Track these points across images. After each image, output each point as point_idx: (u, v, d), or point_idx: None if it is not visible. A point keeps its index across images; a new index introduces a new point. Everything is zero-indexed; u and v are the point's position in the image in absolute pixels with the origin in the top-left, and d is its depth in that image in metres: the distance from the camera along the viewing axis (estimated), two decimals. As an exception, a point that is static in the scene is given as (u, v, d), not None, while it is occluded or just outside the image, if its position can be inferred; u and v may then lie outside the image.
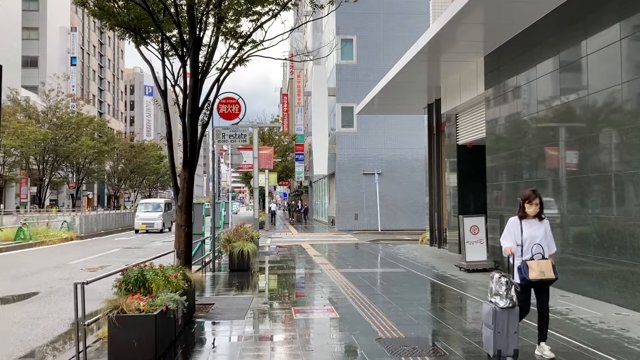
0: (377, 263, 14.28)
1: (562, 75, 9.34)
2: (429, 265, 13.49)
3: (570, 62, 9.09)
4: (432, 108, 18.52)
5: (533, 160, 10.48)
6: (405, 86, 16.59)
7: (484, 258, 12.05)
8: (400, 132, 30.86)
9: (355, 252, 17.92)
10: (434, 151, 18.45)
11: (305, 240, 22.80)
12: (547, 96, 9.86)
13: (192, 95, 8.27)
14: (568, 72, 9.19)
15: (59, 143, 46.51)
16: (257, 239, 16.60)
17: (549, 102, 9.79)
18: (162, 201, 31.41)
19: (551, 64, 9.68)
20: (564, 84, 9.32)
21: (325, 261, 14.54)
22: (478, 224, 12.13)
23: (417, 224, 30.28)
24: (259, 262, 14.49)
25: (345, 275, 11.64)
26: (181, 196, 8.24)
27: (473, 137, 14.69)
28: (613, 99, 7.98)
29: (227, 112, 12.86)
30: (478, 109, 14.02)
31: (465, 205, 15.62)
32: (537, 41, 10.14)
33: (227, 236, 13.06)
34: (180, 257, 8.18)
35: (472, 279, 10.96)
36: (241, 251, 12.66)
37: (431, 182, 18.59)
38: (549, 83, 9.76)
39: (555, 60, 9.55)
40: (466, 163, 15.62)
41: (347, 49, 30.93)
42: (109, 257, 16.96)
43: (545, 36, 9.86)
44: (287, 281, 11.52)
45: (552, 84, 9.65)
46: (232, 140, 12.77)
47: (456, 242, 15.83)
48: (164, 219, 30.26)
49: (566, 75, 9.25)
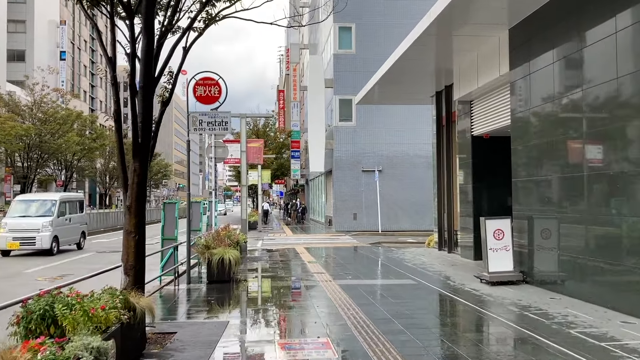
0: (381, 272, 12.34)
1: (621, 43, 7.39)
2: (442, 275, 11.54)
3: (634, 24, 7.15)
4: (441, 96, 16.57)
5: (576, 152, 8.55)
6: (411, 70, 14.64)
7: (510, 268, 10.11)
8: (402, 126, 28.92)
9: (355, 257, 15.97)
10: (443, 145, 16.50)
11: (300, 243, 20.84)
12: (598, 72, 7.92)
13: (145, 61, 6.31)
14: (628, 40, 7.25)
15: (44, 139, 44.43)
16: (244, 243, 14.65)
17: (600, 79, 7.85)
18: (54, 197, 19.12)
19: (604, 30, 7.73)
20: (622, 55, 7.37)
21: (321, 269, 12.59)
22: (503, 227, 10.18)
23: (420, 224, 28.37)
24: (245, 271, 12.53)
25: (345, 289, 9.69)
26: (130, 194, 6.28)
27: (491, 127, 12.75)
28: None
29: (204, 95, 10.91)
30: (499, 94, 12.07)
31: (481, 204, 13.69)
32: (585, 2, 8.20)
33: (205, 241, 11.09)
34: (128, 274, 6.23)
35: (499, 294, 9.01)
36: (221, 259, 10.70)
37: (440, 179, 16.65)
38: (601, 55, 7.82)
39: (609, 25, 7.60)
40: (482, 156, 13.68)
41: (345, 37, 28.97)
42: (76, 264, 14.98)
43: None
44: (274, 298, 9.57)
45: (605, 55, 7.71)
46: (211, 127, 10.81)
47: (469, 247, 13.90)
48: (60, 229, 18.25)
49: (626, 43, 7.31)
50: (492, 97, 12.52)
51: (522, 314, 7.46)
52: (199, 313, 8.15)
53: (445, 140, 16.04)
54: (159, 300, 9.31)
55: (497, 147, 13.68)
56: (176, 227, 10.65)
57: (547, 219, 9.53)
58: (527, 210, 10.18)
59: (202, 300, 9.24)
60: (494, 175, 13.69)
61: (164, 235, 10.62)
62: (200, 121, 10.87)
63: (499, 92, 12.04)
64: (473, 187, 13.72)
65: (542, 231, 9.80)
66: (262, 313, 8.15)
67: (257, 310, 8.37)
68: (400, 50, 13.32)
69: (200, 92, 10.92)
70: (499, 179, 13.72)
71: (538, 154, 9.72)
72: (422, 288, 10.08)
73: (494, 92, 12.33)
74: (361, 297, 8.94)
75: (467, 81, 13.30)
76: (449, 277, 11.20)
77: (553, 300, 8.37)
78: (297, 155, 45.45)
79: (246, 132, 31.80)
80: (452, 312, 8.15)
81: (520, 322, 7.01)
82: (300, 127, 48.63)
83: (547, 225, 9.59)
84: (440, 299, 9.17)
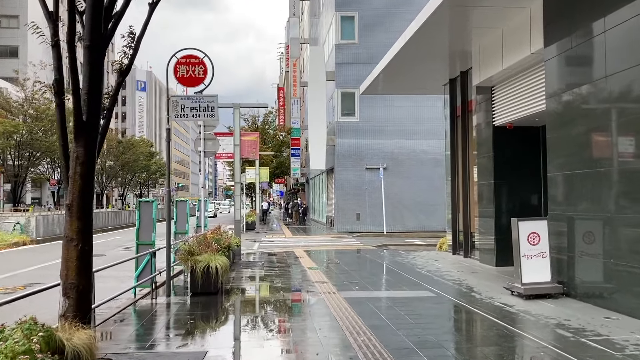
0: (392, 281, 10.76)
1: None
2: (463, 285, 9.97)
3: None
4: (456, 84, 15.00)
5: (633, 140, 6.99)
6: (422, 54, 13.09)
7: (547, 279, 8.54)
8: (408, 120, 27.35)
9: (360, 262, 14.40)
10: (457, 138, 14.93)
11: (300, 246, 19.28)
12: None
13: (91, 13, 4.77)
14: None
15: (35, 136, 42.87)
16: (237, 247, 13.09)
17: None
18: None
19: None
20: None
21: (323, 278, 11.02)
22: (539, 230, 8.61)
23: (427, 225, 26.84)
24: (236, 280, 10.96)
25: (351, 304, 8.13)
26: (72, 188, 4.72)
27: (516, 116, 11.18)
28: None
29: (187, 76, 9.35)
30: (528, 76, 10.50)
31: (503, 203, 12.13)
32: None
33: (188, 247, 9.53)
34: (68, 296, 4.67)
35: (540, 312, 7.44)
36: (207, 268, 9.13)
37: (454, 175, 15.07)
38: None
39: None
40: (504, 149, 12.12)
41: (348, 27, 27.40)
42: (49, 270, 13.42)
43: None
44: (268, 316, 8.01)
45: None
46: (195, 114, 9.23)
47: (490, 251, 12.34)
48: None
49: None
50: (518, 81, 10.95)
51: (579, 342, 5.89)
52: (173, 337, 6.59)
53: (461, 133, 14.46)
54: (132, 316, 7.77)
55: (522, 138, 12.19)
56: (153, 231, 9.07)
57: (593, 220, 7.96)
58: (566, 209, 8.61)
59: (180, 319, 7.67)
60: (518, 170, 12.17)
61: (139, 239, 9.06)
62: (182, 106, 9.29)
63: (528, 74, 10.47)
64: (494, 184, 12.15)
65: (585, 234, 8.24)
66: (251, 339, 6.59)
67: (245, 332, 6.81)
68: (410, 31, 11.76)
69: (182, 73, 9.35)
70: (523, 174, 12.20)
71: (582, 143, 8.16)
72: (444, 303, 8.51)
73: (522, 74, 10.75)
74: (372, 316, 7.37)
75: (488, 64, 11.72)
76: (472, 287, 9.62)
77: (610, 321, 6.80)
78: (297, 154, 43.91)
79: (244, 129, 30.07)
80: (488, 339, 6.57)
81: (583, 354, 5.45)
82: (301, 124, 47.10)
83: (592, 227, 8.03)
84: (469, 318, 7.60)
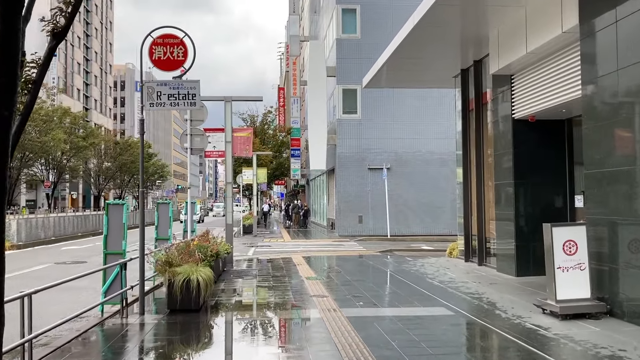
0: (401, 294, 9.45)
1: None
2: (483, 299, 8.67)
3: None
4: (468, 75, 13.72)
5: None
6: (432, 41, 11.79)
7: (587, 294, 7.24)
8: (413, 117, 26.06)
9: (364, 270, 13.11)
10: (470, 134, 13.64)
11: (298, 251, 17.99)
12: None
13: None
14: None
15: (27, 137, 41.65)
16: (226, 254, 11.80)
17: None
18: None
19: None
20: None
21: (323, 290, 9.72)
22: (576, 237, 7.31)
23: (433, 228, 25.56)
24: (223, 293, 9.67)
25: (356, 326, 6.84)
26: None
27: (540, 107, 9.89)
28: None
29: (165, 59, 8.08)
30: (557, 60, 9.20)
31: (524, 206, 10.83)
32: None
33: (166, 256, 8.24)
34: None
35: (583, 337, 6.14)
36: (187, 282, 7.85)
37: (467, 174, 13.76)
38: None
39: None
40: (526, 145, 10.83)
41: (350, 20, 26.12)
42: (24, 279, 12.14)
43: None
44: (255, 343, 6.72)
45: None
46: (174, 102, 7.95)
47: (509, 258, 11.05)
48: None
49: None
50: (544, 66, 9.65)
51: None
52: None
53: (475, 128, 13.16)
54: (94, 341, 6.48)
55: (545, 133, 10.90)
56: (124, 238, 7.77)
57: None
58: (608, 213, 7.31)
59: (150, 347, 6.38)
60: (541, 168, 10.88)
61: (108, 248, 7.78)
62: (158, 93, 8.01)
63: (557, 58, 9.17)
64: (514, 184, 10.85)
65: (631, 242, 6.95)
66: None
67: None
68: (419, 14, 10.45)
69: (158, 55, 8.07)
70: (547, 173, 10.92)
71: (628, 135, 6.87)
72: (465, 324, 7.21)
73: (549, 58, 9.45)
74: (381, 343, 6.07)
75: (508, 49, 10.42)
76: (494, 303, 8.31)
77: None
78: (297, 154, 42.65)
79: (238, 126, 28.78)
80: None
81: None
82: (301, 124, 45.84)
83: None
84: (500, 346, 6.29)
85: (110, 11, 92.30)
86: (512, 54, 10.15)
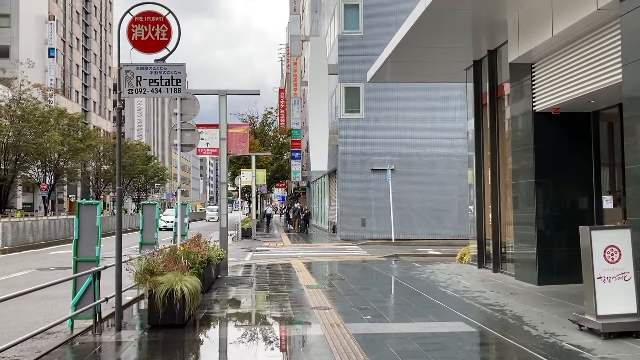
0: (412, 305, 8.44)
1: None
2: (506, 312, 7.66)
3: None
4: (481, 66, 12.75)
5: None
6: (443, 30, 10.86)
7: (632, 309, 6.23)
8: (418, 116, 25.08)
9: (370, 277, 12.10)
10: (484, 130, 12.67)
11: (299, 256, 16.99)
12: None
13: None
14: None
15: (23, 138, 40.66)
16: (219, 260, 10.81)
17: None
18: None
19: None
20: None
21: (325, 301, 8.71)
22: (619, 243, 6.31)
23: (439, 232, 24.58)
24: (215, 303, 8.67)
25: (364, 346, 5.84)
26: None
27: (567, 96, 8.90)
28: None
29: (145, 39, 7.11)
30: (589, 42, 8.22)
31: (546, 207, 9.84)
32: None
33: (147, 264, 7.25)
34: None
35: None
36: (170, 293, 6.87)
37: (480, 174, 12.77)
38: None
39: None
40: (549, 140, 9.85)
41: (352, 16, 25.18)
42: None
43: None
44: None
45: None
46: (155, 88, 6.98)
47: (530, 265, 10.05)
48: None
49: None
50: (572, 51, 8.67)
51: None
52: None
53: (489, 124, 12.17)
54: None
55: (569, 127, 9.92)
56: (97, 243, 6.78)
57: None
58: (656, 215, 6.32)
59: (120, 372, 5.40)
60: (565, 166, 9.92)
61: (79, 255, 6.78)
62: (138, 78, 7.03)
63: (589, 40, 8.18)
64: (535, 183, 9.86)
65: (683, 249, 5.96)
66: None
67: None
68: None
69: (138, 34, 7.09)
70: (571, 171, 9.95)
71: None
72: (492, 344, 6.22)
73: (579, 41, 8.46)
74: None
75: (530, 34, 9.43)
76: (521, 317, 7.31)
77: None
78: (297, 156, 41.72)
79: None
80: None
81: None
82: (302, 126, 44.92)
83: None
84: (535, 371, 5.30)
85: (109, 13, 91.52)
86: (535, 39, 9.16)
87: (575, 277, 9.74)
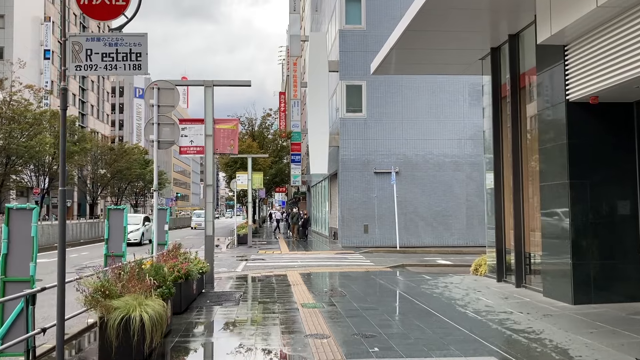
0: (428, 332, 6.98)
1: None
2: (545, 342, 6.20)
3: None
4: (500, 54, 11.35)
5: None
6: (457, 9, 9.43)
7: None
8: (424, 116, 23.66)
9: (375, 294, 10.63)
10: (503, 125, 11.25)
11: (296, 266, 15.55)
12: None
13: None
14: None
15: (12, 141, 39.31)
16: (200, 274, 9.36)
17: None
18: None
19: None
20: None
21: (323, 326, 7.26)
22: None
23: (446, 239, 23.16)
24: (191, 327, 7.22)
25: (373, 398, 4.39)
26: None
27: (610, 81, 7.48)
28: None
29: (97, 3, 5.69)
30: (636, 17, 6.81)
31: (583, 212, 8.40)
32: None
33: (101, 283, 5.81)
34: None
35: None
36: (126, 321, 5.44)
37: (499, 175, 11.33)
38: None
39: None
40: (585, 134, 8.44)
41: (354, 10, 23.81)
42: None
43: None
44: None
45: None
46: (110, 64, 5.58)
47: (561, 280, 8.61)
48: None
49: None
50: (617, 27, 7.24)
51: None
52: None
53: (511, 118, 10.72)
54: None
55: (609, 119, 8.51)
56: (32, 259, 5.34)
57: None
58: None
59: None
60: (604, 164, 8.52)
61: (7, 273, 5.35)
62: (88, 52, 5.63)
63: (638, 14, 6.78)
64: (570, 184, 8.43)
65: None
66: None
67: None
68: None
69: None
70: (612, 170, 8.52)
71: None
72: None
73: (626, 15, 7.05)
74: None
75: (565, 7, 7.99)
76: (567, 350, 5.85)
77: None
78: (297, 159, 40.41)
79: (240, 134, 26.37)
80: None
81: None
82: (302, 128, 43.60)
83: None
84: None
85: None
86: (573, 13, 7.72)
87: (617, 295, 8.36)
